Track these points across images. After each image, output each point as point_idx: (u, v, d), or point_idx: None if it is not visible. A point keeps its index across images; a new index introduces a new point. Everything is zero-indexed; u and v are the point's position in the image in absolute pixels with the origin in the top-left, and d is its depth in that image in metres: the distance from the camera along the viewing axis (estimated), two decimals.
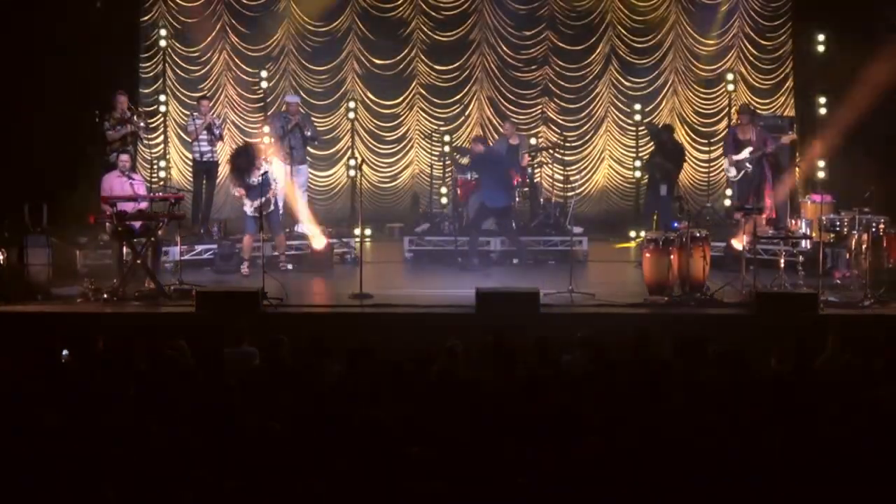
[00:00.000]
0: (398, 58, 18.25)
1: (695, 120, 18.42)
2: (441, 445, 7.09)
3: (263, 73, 17.08)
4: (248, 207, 13.92)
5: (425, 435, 7.36)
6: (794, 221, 14.98)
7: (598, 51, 18.32)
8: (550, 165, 16.98)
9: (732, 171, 14.98)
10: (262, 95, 17.11)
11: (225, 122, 17.33)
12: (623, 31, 18.28)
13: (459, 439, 7.19)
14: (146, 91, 17.39)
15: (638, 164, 17.57)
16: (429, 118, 18.38)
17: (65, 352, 9.87)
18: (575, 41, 18.29)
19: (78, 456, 7.20)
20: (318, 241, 14.73)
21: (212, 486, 6.59)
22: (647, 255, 12.65)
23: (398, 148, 18.51)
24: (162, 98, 16.80)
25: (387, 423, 7.21)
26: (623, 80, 18.38)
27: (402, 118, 18.45)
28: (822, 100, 16.09)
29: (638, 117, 17.80)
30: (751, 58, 18.18)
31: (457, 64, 18.32)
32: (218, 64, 17.93)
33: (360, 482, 6.64)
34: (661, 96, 18.39)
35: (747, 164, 14.79)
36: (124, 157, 13.44)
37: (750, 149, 14.80)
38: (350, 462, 6.91)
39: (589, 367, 9.20)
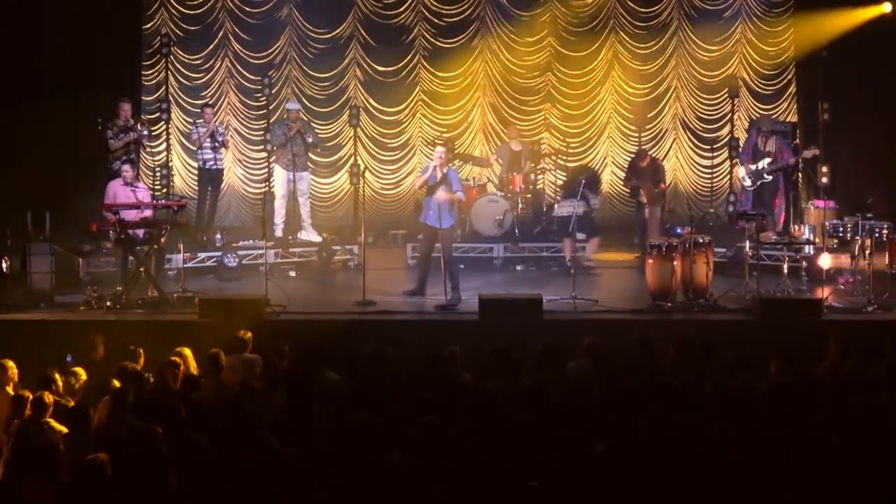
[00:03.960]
0: (400, 64, 18.27)
1: (697, 126, 18.42)
2: (443, 452, 7.09)
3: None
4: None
5: (426, 441, 7.37)
6: (797, 227, 14.96)
7: (600, 57, 18.34)
8: (553, 172, 16.97)
9: (748, 182, 14.89)
10: (264, 102, 17.12)
11: (228, 129, 17.34)
12: (625, 36, 18.29)
13: (462, 445, 7.18)
14: (149, 99, 17.41)
15: None
16: (431, 125, 18.39)
17: (69, 357, 9.88)
18: (577, 47, 18.30)
19: (80, 462, 7.21)
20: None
21: (213, 494, 6.59)
22: (651, 261, 12.62)
23: (401, 154, 18.52)
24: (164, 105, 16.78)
25: (387, 431, 7.21)
26: (626, 87, 18.39)
27: (404, 125, 18.47)
28: (825, 105, 16.05)
29: None
30: (753, 63, 18.17)
31: (459, 70, 18.33)
32: (220, 71, 17.96)
33: (361, 489, 6.64)
34: (663, 102, 18.40)
35: (766, 175, 14.74)
36: (127, 168, 13.42)
37: (769, 160, 14.75)
38: (350, 469, 6.91)
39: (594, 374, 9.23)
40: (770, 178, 14.81)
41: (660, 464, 7.02)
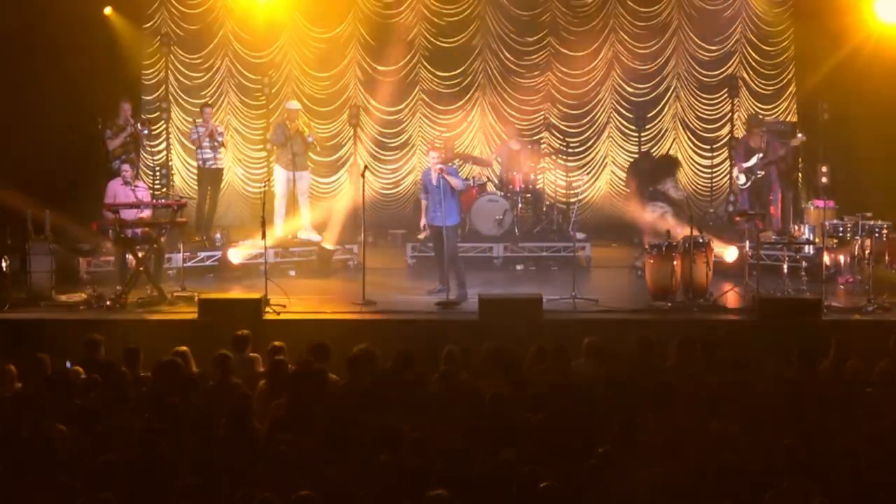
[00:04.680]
0: (400, 64, 18.24)
1: (697, 125, 18.41)
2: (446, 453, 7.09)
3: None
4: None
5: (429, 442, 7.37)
6: (797, 227, 14.96)
7: (600, 56, 18.32)
8: (553, 171, 16.97)
9: (742, 179, 14.93)
10: (264, 102, 17.11)
11: (228, 128, 17.34)
12: (625, 36, 18.29)
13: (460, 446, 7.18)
14: (149, 98, 17.42)
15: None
16: (431, 124, 18.38)
17: (68, 364, 9.88)
18: (577, 47, 18.29)
19: (81, 463, 7.22)
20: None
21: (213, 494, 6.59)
22: (651, 261, 12.63)
23: (400, 154, 18.51)
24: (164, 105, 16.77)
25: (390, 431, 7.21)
26: (625, 86, 18.39)
27: (404, 124, 18.45)
28: (825, 105, 16.03)
29: None
30: (753, 63, 18.18)
31: (459, 70, 18.32)
32: (220, 70, 17.96)
33: (361, 489, 6.64)
34: (663, 102, 18.40)
35: (758, 171, 14.76)
36: (126, 168, 13.43)
37: (759, 155, 14.78)
38: (351, 470, 6.92)
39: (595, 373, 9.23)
40: (762, 173, 14.82)
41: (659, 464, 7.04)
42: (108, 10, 16.04)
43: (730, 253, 13.70)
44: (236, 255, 14.53)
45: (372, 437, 7.20)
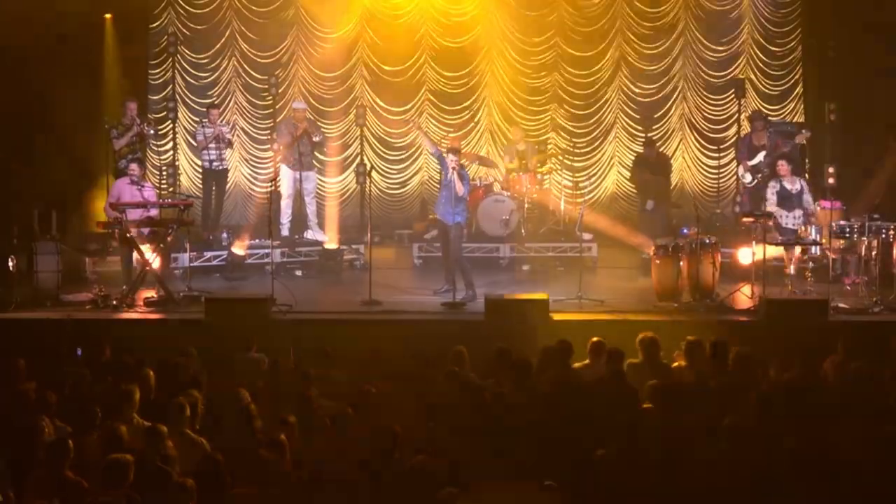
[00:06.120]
0: (407, 64, 18.25)
1: (704, 126, 18.39)
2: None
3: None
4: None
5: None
6: (803, 228, 14.91)
7: (607, 57, 18.31)
8: (560, 172, 16.96)
9: (748, 178, 14.88)
10: (271, 102, 17.11)
11: (234, 129, 17.35)
12: (632, 36, 18.27)
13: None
14: (155, 98, 17.44)
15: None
16: (438, 124, 18.37)
17: (78, 351, 9.90)
18: (584, 47, 18.28)
19: (87, 462, 7.23)
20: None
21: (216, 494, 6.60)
22: (657, 261, 12.62)
23: (407, 154, 18.51)
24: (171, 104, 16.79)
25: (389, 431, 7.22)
26: (632, 87, 18.37)
27: (410, 124, 18.42)
28: (832, 106, 16.01)
29: None
30: (760, 64, 18.16)
31: (466, 70, 18.31)
32: (227, 70, 17.98)
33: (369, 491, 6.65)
34: (670, 102, 18.38)
35: (764, 169, 14.73)
36: (134, 167, 13.44)
37: (764, 153, 14.74)
38: (357, 470, 6.92)
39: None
40: (768, 170, 14.79)
41: (665, 464, 7.03)
42: (108, 17, 16.12)
43: (744, 255, 13.59)
44: (242, 251, 14.56)
45: (372, 437, 7.21)
